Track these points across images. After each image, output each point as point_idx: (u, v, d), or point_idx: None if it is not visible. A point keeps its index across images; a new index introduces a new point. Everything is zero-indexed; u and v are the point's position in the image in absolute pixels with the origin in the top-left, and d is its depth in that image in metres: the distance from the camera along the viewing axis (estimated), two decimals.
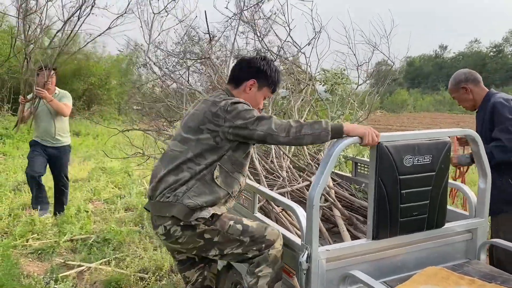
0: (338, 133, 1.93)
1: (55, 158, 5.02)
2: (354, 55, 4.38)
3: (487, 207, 2.29)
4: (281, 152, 3.43)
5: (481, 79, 3.06)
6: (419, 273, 2.02)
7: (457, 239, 2.26)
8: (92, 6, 4.20)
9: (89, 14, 4.31)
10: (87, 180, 7.27)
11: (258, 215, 2.39)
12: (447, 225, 2.19)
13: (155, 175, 2.16)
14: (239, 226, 2.06)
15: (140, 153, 3.79)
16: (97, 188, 6.61)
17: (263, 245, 2.05)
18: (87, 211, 5.28)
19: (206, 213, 2.01)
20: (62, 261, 3.85)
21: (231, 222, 2.06)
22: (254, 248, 2.06)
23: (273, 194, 2.32)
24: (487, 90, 3.01)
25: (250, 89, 2.19)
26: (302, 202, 2.71)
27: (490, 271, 2.11)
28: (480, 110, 2.95)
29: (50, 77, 4.70)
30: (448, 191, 2.22)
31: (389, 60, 4.43)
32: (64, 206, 5.14)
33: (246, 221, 2.10)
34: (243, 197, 2.51)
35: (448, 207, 2.26)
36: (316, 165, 3.30)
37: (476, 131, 2.49)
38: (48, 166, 5.06)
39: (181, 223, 2.01)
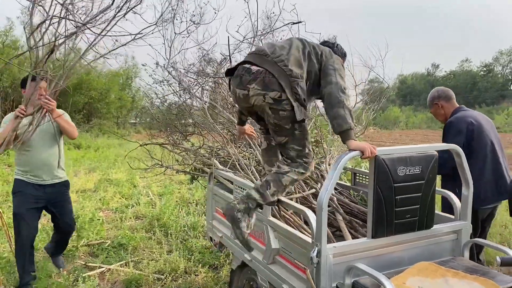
0: (348, 136, 2.35)
1: (57, 200, 3.70)
2: (352, 76, 4.76)
3: (469, 211, 2.65)
4: None
5: (454, 96, 3.46)
6: (411, 267, 2.37)
7: (444, 238, 2.61)
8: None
9: (126, 12, 3.18)
10: (94, 191, 7.58)
11: (272, 218, 2.73)
12: (435, 226, 2.54)
13: None
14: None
15: (159, 164, 4.13)
16: (105, 198, 6.92)
17: (307, 162, 2.55)
18: (99, 219, 5.59)
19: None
20: (83, 263, 4.16)
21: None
22: (303, 159, 2.54)
23: (286, 199, 2.67)
24: (457, 106, 3.41)
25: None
26: (307, 207, 3.05)
27: (472, 265, 2.46)
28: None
29: (49, 89, 3.30)
30: (435, 197, 2.59)
31: (384, 80, 4.78)
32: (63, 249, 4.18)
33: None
34: None
35: (436, 211, 2.63)
36: (317, 173, 3.65)
37: None
38: (44, 213, 3.86)
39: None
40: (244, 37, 3.97)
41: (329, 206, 3.23)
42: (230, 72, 2.65)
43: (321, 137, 4.02)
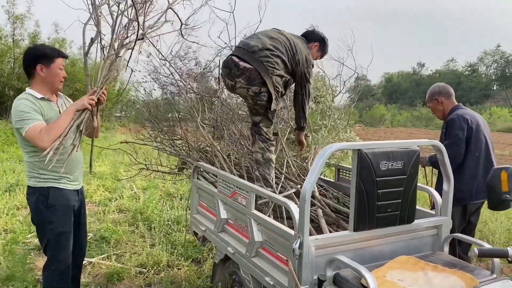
0: (302, 131, 3.53)
1: (81, 209, 3.01)
2: (324, 71, 4.78)
3: (450, 207, 2.69)
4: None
5: (454, 94, 3.54)
6: (392, 261, 2.39)
7: (425, 233, 2.64)
8: None
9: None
10: None
11: (255, 212, 2.73)
12: (416, 221, 2.57)
13: None
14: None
15: (144, 168, 4.14)
16: (88, 191, 6.84)
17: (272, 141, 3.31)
18: None
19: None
20: None
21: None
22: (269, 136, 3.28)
23: (269, 193, 2.68)
24: (456, 104, 3.48)
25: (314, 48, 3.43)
26: None
27: (451, 260, 2.49)
28: (444, 121, 3.44)
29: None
30: (416, 192, 2.61)
31: (355, 72, 4.70)
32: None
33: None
34: (242, 196, 2.84)
35: (417, 207, 2.65)
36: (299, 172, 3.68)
37: (440, 139, 2.98)
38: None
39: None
40: (226, 44, 4.02)
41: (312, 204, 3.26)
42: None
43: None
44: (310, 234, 2.34)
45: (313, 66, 3.37)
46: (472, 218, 3.45)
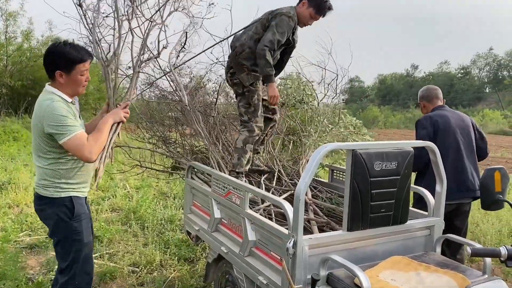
0: (267, 80, 3.31)
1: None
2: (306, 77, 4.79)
3: (442, 208, 2.71)
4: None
5: (436, 95, 3.60)
6: (385, 261, 2.40)
7: (418, 234, 2.66)
8: None
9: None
10: None
11: (249, 211, 2.73)
12: (409, 222, 2.59)
13: None
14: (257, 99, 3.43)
15: (138, 165, 4.14)
16: None
17: (253, 120, 3.41)
18: None
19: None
20: None
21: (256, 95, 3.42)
22: (249, 116, 3.42)
23: (263, 192, 2.68)
24: (438, 105, 3.53)
25: (303, 5, 3.33)
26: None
27: (443, 260, 2.51)
28: None
29: None
30: (410, 193, 2.63)
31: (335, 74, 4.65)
32: None
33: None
34: (236, 195, 2.85)
35: (410, 208, 2.67)
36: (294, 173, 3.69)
37: None
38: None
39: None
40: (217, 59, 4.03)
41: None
42: None
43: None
44: (304, 234, 2.35)
45: (291, 20, 3.27)
46: (457, 223, 3.44)
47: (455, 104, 49.59)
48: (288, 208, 2.31)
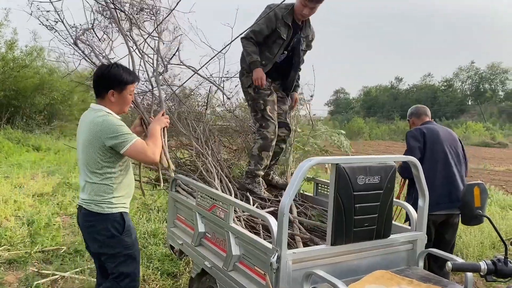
0: (253, 66, 3.38)
1: None
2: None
3: (425, 222, 2.73)
4: None
5: (424, 112, 3.73)
6: (368, 275, 2.41)
7: (400, 248, 2.67)
8: None
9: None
10: (52, 195, 7.32)
11: (234, 225, 2.72)
12: (392, 236, 2.60)
13: None
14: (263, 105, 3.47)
15: None
16: (64, 202, 6.70)
17: (264, 126, 3.46)
18: (55, 224, 5.40)
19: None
20: (36, 270, 3.99)
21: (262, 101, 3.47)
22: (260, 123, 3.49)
23: (248, 206, 2.67)
24: (426, 121, 3.66)
25: None
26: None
27: (426, 274, 2.53)
28: None
29: None
30: (393, 207, 2.64)
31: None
32: None
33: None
34: (220, 209, 2.83)
35: (393, 222, 2.68)
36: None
37: None
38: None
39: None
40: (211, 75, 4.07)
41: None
42: None
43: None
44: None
45: (270, 9, 3.32)
46: (447, 235, 3.48)
47: (438, 116, 50.38)
48: (273, 222, 2.30)
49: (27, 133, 16.14)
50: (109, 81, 2.55)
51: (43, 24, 3.40)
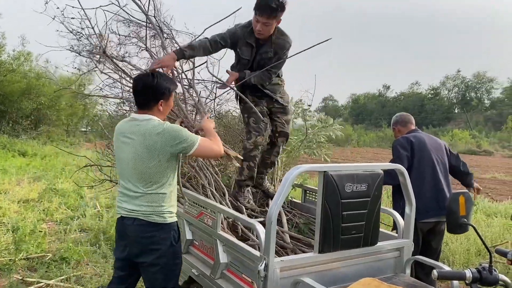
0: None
1: None
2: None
3: (411, 230, 2.75)
4: None
5: (410, 120, 3.76)
6: (355, 283, 2.40)
7: (388, 255, 2.69)
8: None
9: None
10: (37, 201, 7.22)
11: (221, 232, 2.71)
12: (379, 243, 2.61)
13: None
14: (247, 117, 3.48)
15: (108, 179, 4.05)
16: (50, 209, 6.62)
17: (254, 134, 3.43)
18: (41, 231, 5.33)
19: None
20: (20, 277, 3.92)
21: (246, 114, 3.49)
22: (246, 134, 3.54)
23: (236, 213, 2.66)
24: (412, 129, 3.69)
25: None
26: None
27: (413, 282, 2.54)
28: None
29: None
30: (380, 215, 2.66)
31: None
32: None
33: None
34: (208, 216, 2.82)
35: (380, 229, 2.70)
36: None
37: None
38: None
39: None
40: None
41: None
42: None
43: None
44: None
45: (235, 27, 3.32)
46: (433, 243, 3.51)
47: (425, 124, 50.92)
48: (260, 230, 2.30)
49: (13, 138, 15.94)
50: (158, 92, 2.54)
51: (68, 30, 3.51)
